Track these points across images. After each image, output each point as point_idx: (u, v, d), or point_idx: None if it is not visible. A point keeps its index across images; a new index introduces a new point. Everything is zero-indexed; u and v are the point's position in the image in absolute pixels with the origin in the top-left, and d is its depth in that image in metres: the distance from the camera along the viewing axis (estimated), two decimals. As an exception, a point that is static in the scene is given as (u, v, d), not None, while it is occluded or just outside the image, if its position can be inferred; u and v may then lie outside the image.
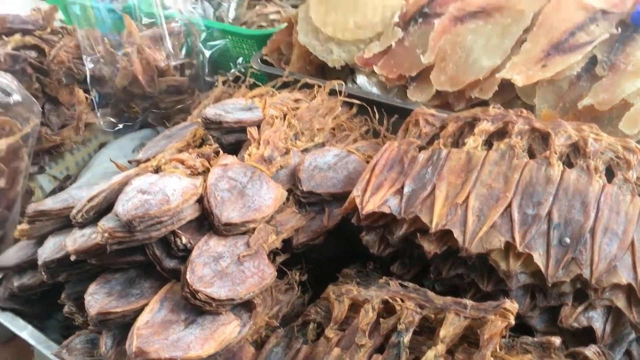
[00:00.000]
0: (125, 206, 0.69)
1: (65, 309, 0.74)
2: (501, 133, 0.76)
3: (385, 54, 1.03)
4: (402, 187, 0.72)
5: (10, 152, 0.94)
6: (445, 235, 0.67)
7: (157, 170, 0.82)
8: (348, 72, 1.11)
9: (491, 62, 0.90)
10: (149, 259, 0.70)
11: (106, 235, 0.67)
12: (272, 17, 1.56)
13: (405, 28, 1.04)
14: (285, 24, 1.19)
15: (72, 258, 0.70)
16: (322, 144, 0.91)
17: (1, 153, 0.93)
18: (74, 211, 0.75)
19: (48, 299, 0.79)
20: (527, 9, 0.93)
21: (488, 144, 0.76)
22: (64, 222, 0.80)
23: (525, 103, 0.89)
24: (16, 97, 0.95)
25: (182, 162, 0.81)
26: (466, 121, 0.79)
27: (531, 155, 0.73)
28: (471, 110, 0.80)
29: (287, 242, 0.78)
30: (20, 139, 0.96)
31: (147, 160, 0.89)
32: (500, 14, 0.95)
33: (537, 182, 0.68)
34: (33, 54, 1.07)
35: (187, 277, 0.65)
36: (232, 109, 0.91)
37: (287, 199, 0.81)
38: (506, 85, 0.89)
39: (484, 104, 0.92)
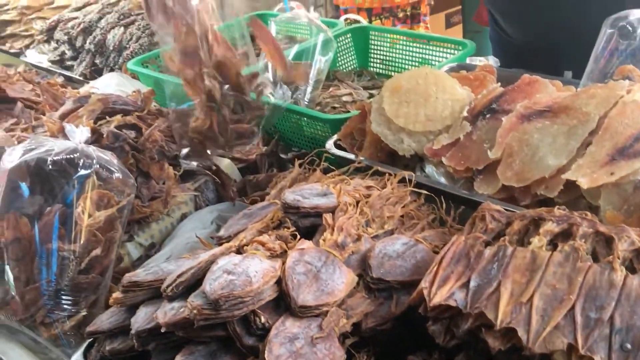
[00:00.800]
0: (212, 285, 0.77)
1: (151, 375, 0.81)
2: (566, 234, 0.80)
3: (453, 146, 1.09)
4: (468, 282, 0.76)
5: (107, 223, 1.05)
6: (509, 332, 0.70)
7: (239, 250, 0.90)
8: (417, 160, 1.17)
9: (557, 162, 0.95)
10: (230, 334, 0.77)
11: (194, 311, 0.75)
12: (344, 98, 1.67)
13: (474, 122, 1.11)
14: (359, 112, 1.28)
15: (163, 330, 0.77)
16: (391, 232, 0.96)
17: (100, 224, 1.04)
18: (165, 285, 0.83)
19: (134, 363, 0.86)
20: (592, 112, 0.97)
21: (552, 244, 0.80)
22: (154, 293, 0.87)
23: (590, 203, 0.92)
24: (117, 174, 1.06)
25: (262, 244, 0.88)
26: (531, 220, 0.84)
27: (595, 258, 0.76)
28: (537, 210, 0.84)
29: (356, 325, 0.83)
30: (117, 211, 1.06)
31: (229, 237, 0.97)
32: (566, 115, 1.00)
33: (600, 286, 0.71)
34: (132, 133, 1.20)
35: (266, 356, 0.71)
36: (309, 194, 0.99)
37: (358, 283, 0.86)
38: (571, 185, 0.93)
39: (550, 200, 0.96)
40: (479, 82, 1.24)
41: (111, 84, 1.81)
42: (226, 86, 1.16)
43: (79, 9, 2.43)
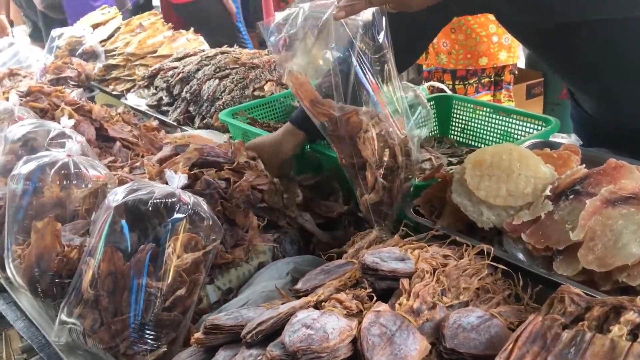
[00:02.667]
0: (291, 337, 0.81)
1: (224, 418, 0.85)
2: (648, 326, 0.79)
3: (534, 224, 1.10)
4: (544, 363, 0.76)
5: (193, 265, 1.11)
6: (584, 420, 0.70)
7: (317, 305, 0.93)
8: (495, 233, 1.18)
9: (641, 250, 0.94)
10: (304, 387, 0.80)
11: (273, 361, 0.79)
12: (424, 165, 1.69)
13: (556, 202, 1.11)
14: (439, 180, 1.31)
15: (241, 375, 0.82)
16: (466, 303, 0.97)
17: (187, 265, 1.10)
18: (245, 331, 0.88)
19: (209, 404, 0.90)
20: (681, 204, 0.97)
21: (633, 334, 0.79)
22: (233, 337, 0.92)
23: (674, 295, 0.90)
24: (207, 220, 1.13)
25: (340, 302, 0.92)
26: (612, 307, 0.83)
27: (678, 354, 0.75)
28: (618, 298, 0.84)
29: (425, 395, 0.84)
30: (203, 255, 1.13)
31: (306, 290, 1.01)
32: (652, 204, 0.99)
33: (683, 383, 0.70)
34: (223, 184, 1.28)
35: (337, 413, 0.74)
36: (388, 257, 1.02)
37: (430, 352, 0.87)
38: (655, 275, 0.92)
39: (631, 288, 0.95)
40: (563, 162, 1.24)
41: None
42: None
43: (179, 59, 2.61)
